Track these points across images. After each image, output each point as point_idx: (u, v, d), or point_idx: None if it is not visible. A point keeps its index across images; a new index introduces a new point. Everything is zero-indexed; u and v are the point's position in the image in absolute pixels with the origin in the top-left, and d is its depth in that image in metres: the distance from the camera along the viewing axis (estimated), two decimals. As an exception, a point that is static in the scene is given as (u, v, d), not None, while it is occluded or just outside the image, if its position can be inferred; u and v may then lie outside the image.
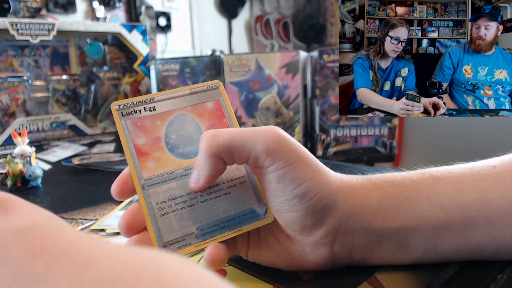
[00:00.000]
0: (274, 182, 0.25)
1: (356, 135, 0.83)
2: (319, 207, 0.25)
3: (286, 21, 2.54)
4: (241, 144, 0.24)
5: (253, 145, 0.24)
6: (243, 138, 0.24)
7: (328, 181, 0.25)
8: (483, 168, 0.27)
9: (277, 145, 0.24)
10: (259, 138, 0.24)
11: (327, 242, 0.26)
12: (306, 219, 0.25)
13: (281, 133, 0.25)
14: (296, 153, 0.25)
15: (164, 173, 0.27)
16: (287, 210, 0.25)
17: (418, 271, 0.27)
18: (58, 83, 0.95)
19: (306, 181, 0.24)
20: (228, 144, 0.24)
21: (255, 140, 0.24)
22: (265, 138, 0.24)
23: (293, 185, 0.24)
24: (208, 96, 0.29)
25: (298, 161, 0.25)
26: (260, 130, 0.25)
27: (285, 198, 0.25)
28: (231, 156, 0.25)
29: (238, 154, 0.25)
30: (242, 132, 0.25)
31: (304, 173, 0.25)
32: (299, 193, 0.24)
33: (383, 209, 0.26)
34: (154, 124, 0.27)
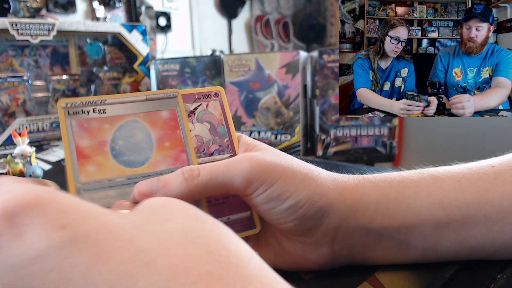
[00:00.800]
0: (262, 204, 0.25)
1: (356, 135, 0.83)
2: (313, 211, 0.25)
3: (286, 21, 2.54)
4: (218, 181, 0.24)
5: (231, 180, 0.24)
6: (219, 175, 0.24)
7: (317, 185, 0.26)
8: (482, 167, 0.27)
9: (253, 174, 0.24)
10: (234, 172, 0.24)
11: (327, 241, 0.26)
12: (303, 224, 0.25)
13: (255, 160, 0.25)
14: (274, 173, 0.25)
15: (103, 179, 0.25)
16: (283, 222, 0.26)
17: (418, 271, 0.27)
18: (58, 83, 0.95)
19: (293, 192, 0.25)
20: (207, 182, 0.24)
21: (231, 175, 0.24)
22: (240, 170, 0.24)
23: (280, 200, 0.25)
24: (165, 105, 0.28)
25: (279, 179, 0.25)
26: (234, 164, 0.25)
27: (277, 214, 0.25)
28: (210, 193, 0.25)
29: (217, 191, 0.25)
30: (217, 169, 0.25)
31: (289, 187, 0.25)
32: (289, 205, 0.25)
33: (382, 208, 0.26)
34: (101, 127, 0.26)
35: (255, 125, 0.84)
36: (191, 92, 0.29)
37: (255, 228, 0.27)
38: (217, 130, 0.29)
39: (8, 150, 0.84)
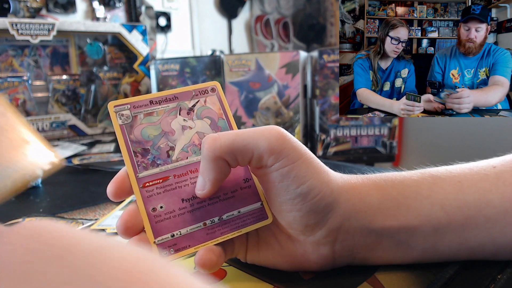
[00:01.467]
0: (278, 181, 0.25)
1: (356, 135, 0.83)
2: (322, 206, 0.25)
3: (286, 21, 2.54)
4: (243, 145, 0.24)
5: (256, 145, 0.24)
6: (245, 138, 0.24)
7: (330, 179, 0.26)
8: (483, 168, 0.27)
9: (279, 143, 0.24)
10: (261, 137, 0.24)
11: (329, 241, 0.26)
12: (309, 218, 0.25)
13: (282, 132, 0.25)
14: (298, 151, 0.25)
15: None
16: (289, 209, 0.25)
17: (418, 271, 0.27)
18: (58, 83, 0.95)
19: (309, 179, 0.24)
20: (230, 145, 0.24)
21: (257, 139, 0.24)
22: (267, 137, 0.24)
23: (296, 183, 0.24)
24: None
25: (301, 159, 0.25)
26: (261, 130, 0.25)
27: (288, 197, 0.25)
28: (235, 157, 0.25)
29: (241, 154, 0.25)
30: (243, 133, 0.25)
31: (307, 172, 0.25)
32: (302, 191, 0.24)
33: (384, 208, 0.26)
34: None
35: (255, 125, 0.84)
36: (188, 90, 0.29)
37: (267, 218, 0.27)
38: (218, 125, 0.29)
39: (8, 150, 0.84)
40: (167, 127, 0.28)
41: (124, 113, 0.27)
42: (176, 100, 0.29)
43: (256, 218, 0.27)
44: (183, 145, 0.28)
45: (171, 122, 0.28)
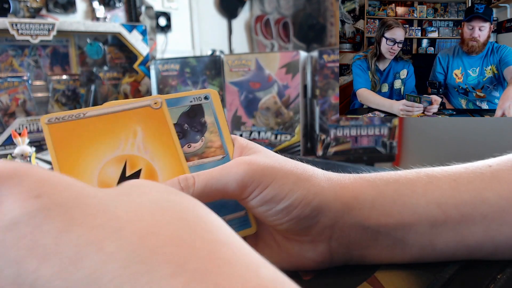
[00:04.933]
0: (257, 206, 0.25)
1: (356, 135, 0.83)
2: (308, 211, 0.25)
3: (286, 21, 2.54)
4: (213, 188, 0.25)
5: (225, 186, 0.25)
6: (213, 182, 0.25)
7: (311, 185, 0.26)
8: (479, 167, 0.27)
9: (248, 177, 0.25)
10: (229, 178, 0.25)
11: (324, 239, 0.26)
12: (299, 224, 0.26)
13: (249, 163, 0.25)
14: (268, 176, 0.25)
15: None
16: (279, 223, 0.26)
17: (418, 271, 0.27)
18: (58, 83, 0.95)
19: (287, 193, 0.25)
20: (202, 190, 0.25)
21: (225, 182, 0.25)
22: (234, 176, 0.25)
23: (275, 202, 0.25)
24: None
25: (273, 181, 0.25)
26: (228, 170, 0.25)
27: (272, 215, 0.25)
28: (208, 198, 0.25)
29: (214, 196, 0.25)
30: (211, 176, 0.25)
31: (283, 188, 0.25)
32: (284, 206, 0.25)
33: (378, 205, 0.26)
34: None
35: (255, 125, 0.84)
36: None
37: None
38: None
39: (8, 150, 0.84)
40: None
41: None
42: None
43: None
44: None
45: None
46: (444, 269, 0.26)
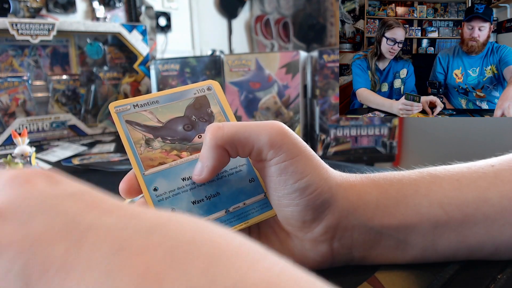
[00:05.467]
0: (276, 175, 0.25)
1: (356, 135, 0.83)
2: (319, 202, 0.25)
3: (286, 21, 2.54)
4: (245, 136, 0.25)
5: (257, 138, 0.25)
6: (247, 130, 0.25)
7: (328, 176, 0.26)
8: (482, 167, 0.27)
9: (280, 138, 0.25)
10: (263, 131, 0.25)
11: (327, 238, 0.26)
12: (306, 213, 0.25)
13: (284, 127, 0.25)
14: (298, 147, 0.25)
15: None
16: (287, 204, 0.26)
17: (418, 271, 0.27)
18: (58, 83, 0.95)
19: (307, 175, 0.25)
20: (232, 135, 0.25)
21: (258, 132, 0.25)
22: (268, 131, 0.25)
23: (294, 178, 0.25)
24: None
25: (300, 155, 0.25)
26: (264, 124, 0.25)
27: (286, 192, 0.25)
28: (235, 148, 0.25)
29: (242, 146, 0.25)
30: (246, 125, 0.25)
31: (306, 167, 0.25)
32: (300, 186, 0.25)
33: (382, 206, 0.26)
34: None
35: (255, 125, 0.84)
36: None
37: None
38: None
39: (8, 150, 0.84)
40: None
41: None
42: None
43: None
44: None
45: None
46: (444, 269, 0.26)
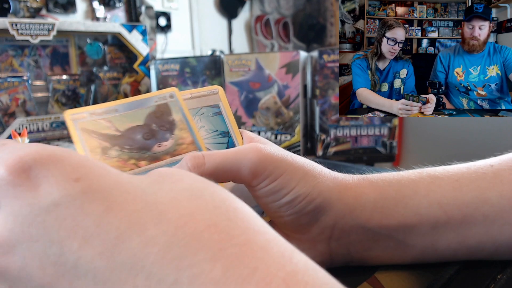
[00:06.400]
0: (264, 196, 0.26)
1: (356, 135, 0.83)
2: (310, 208, 0.25)
3: (286, 21, 2.54)
4: (225, 170, 0.25)
5: (238, 170, 0.25)
6: (227, 163, 0.24)
7: (318, 182, 0.26)
8: (481, 167, 0.27)
9: (262, 165, 0.25)
10: (243, 161, 0.25)
11: (324, 238, 0.26)
12: (300, 219, 0.26)
13: (262, 151, 0.25)
14: (280, 167, 0.25)
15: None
16: (280, 215, 0.26)
17: (418, 271, 0.27)
18: (58, 83, 0.95)
19: (294, 187, 0.25)
20: (213, 171, 0.24)
21: (239, 164, 0.25)
22: (248, 160, 0.25)
23: (281, 195, 0.25)
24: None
25: (284, 173, 0.25)
26: (242, 152, 0.25)
27: (276, 206, 0.26)
28: (217, 179, 0.25)
29: (224, 178, 0.25)
30: (225, 157, 0.25)
31: (290, 182, 0.25)
32: (288, 200, 0.25)
33: (380, 207, 0.26)
34: None
35: (255, 125, 0.84)
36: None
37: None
38: None
39: (8, 150, 0.84)
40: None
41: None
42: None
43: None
44: None
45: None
46: (444, 269, 0.26)
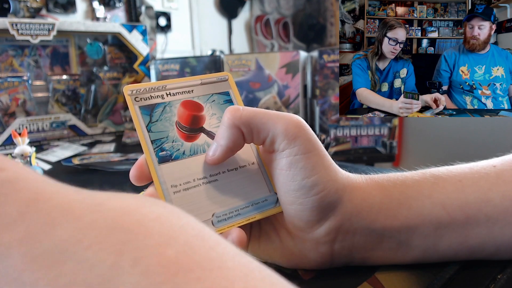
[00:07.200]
0: (286, 168, 0.25)
1: (356, 135, 0.83)
2: (325, 203, 0.25)
3: (286, 21, 2.54)
4: (262, 122, 0.25)
5: (273, 125, 0.25)
6: (265, 116, 0.25)
7: (337, 178, 0.26)
8: (484, 167, 0.27)
9: (296, 130, 0.25)
10: (280, 120, 0.25)
11: (328, 240, 0.26)
12: (311, 214, 0.25)
13: (301, 121, 0.25)
14: (312, 143, 0.25)
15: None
16: (292, 201, 0.25)
17: (418, 271, 0.27)
18: (58, 83, 0.95)
19: (316, 174, 0.25)
20: (250, 118, 0.25)
21: (276, 121, 0.25)
22: (285, 121, 0.25)
23: (302, 175, 0.25)
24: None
25: (313, 151, 0.25)
26: (282, 114, 0.25)
27: (292, 188, 0.25)
28: (251, 132, 0.25)
29: (258, 131, 0.25)
30: (265, 111, 0.25)
31: (316, 165, 0.25)
32: (307, 184, 0.25)
33: (385, 208, 0.26)
34: None
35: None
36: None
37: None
38: None
39: (8, 150, 0.84)
40: None
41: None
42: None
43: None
44: None
45: None
46: (444, 269, 0.26)
